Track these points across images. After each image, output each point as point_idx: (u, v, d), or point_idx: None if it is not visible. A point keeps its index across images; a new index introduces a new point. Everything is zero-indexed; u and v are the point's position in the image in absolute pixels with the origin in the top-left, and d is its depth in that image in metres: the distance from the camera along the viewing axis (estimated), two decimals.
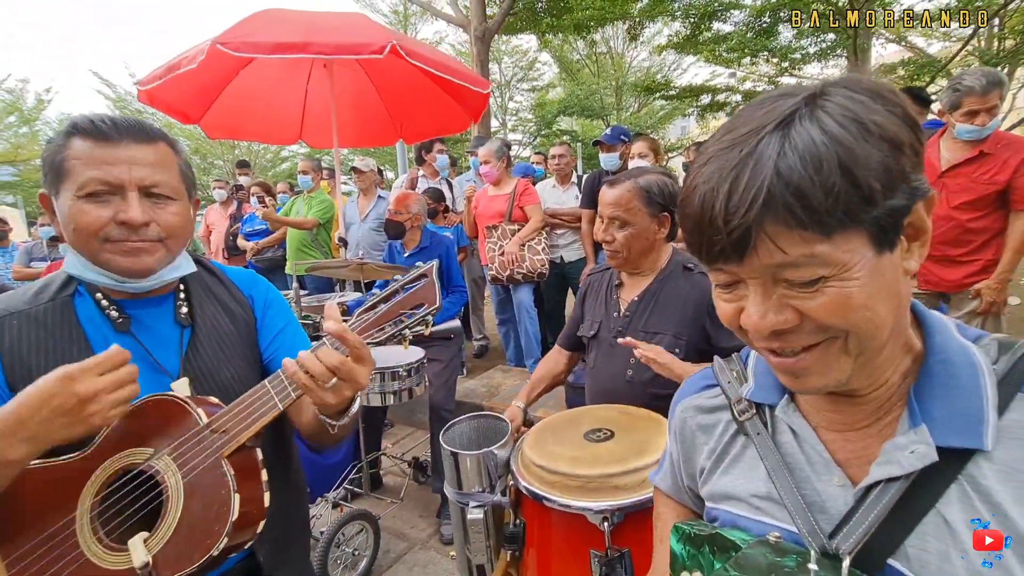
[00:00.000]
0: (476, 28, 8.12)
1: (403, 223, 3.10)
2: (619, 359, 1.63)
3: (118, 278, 0.92)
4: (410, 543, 2.65)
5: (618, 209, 1.60)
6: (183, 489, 0.81)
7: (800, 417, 0.63)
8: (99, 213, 0.88)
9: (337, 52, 2.68)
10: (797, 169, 0.46)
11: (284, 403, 0.86)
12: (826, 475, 0.58)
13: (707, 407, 0.74)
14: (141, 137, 0.92)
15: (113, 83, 17.44)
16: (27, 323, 0.91)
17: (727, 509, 0.67)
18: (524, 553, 1.29)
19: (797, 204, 0.46)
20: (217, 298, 1.08)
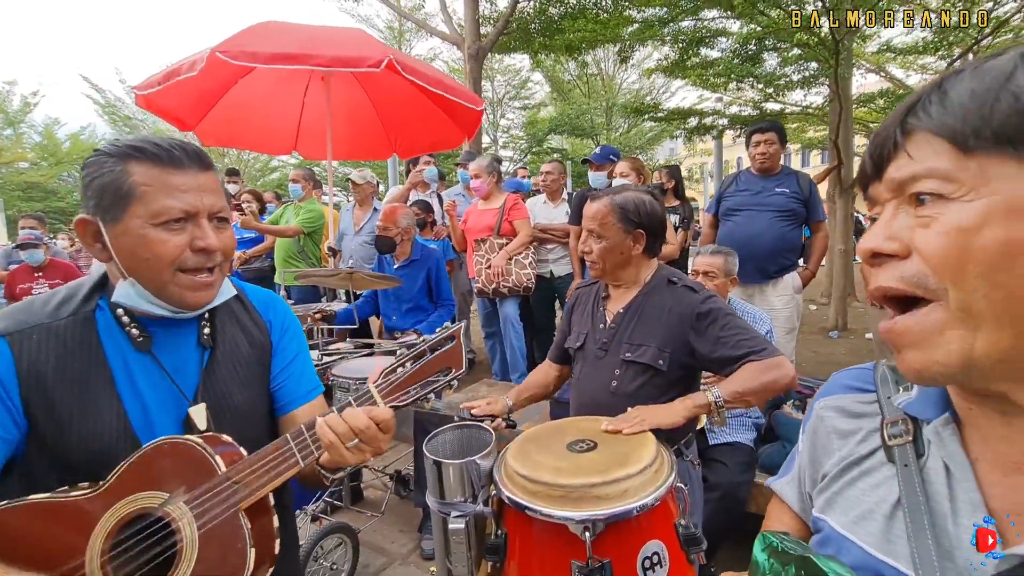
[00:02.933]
0: (470, 46, 8.26)
1: (393, 238, 3.12)
2: (604, 371, 1.67)
3: (175, 309, 0.92)
4: (390, 558, 2.62)
5: (594, 223, 1.69)
6: (198, 540, 0.79)
7: (957, 444, 0.52)
8: (177, 241, 0.87)
9: (335, 64, 2.73)
10: (963, 82, 0.43)
11: (305, 461, 0.86)
12: (967, 520, 0.48)
13: (852, 411, 0.65)
14: (203, 163, 0.92)
15: (103, 88, 17.34)
16: (47, 337, 0.88)
17: (834, 524, 0.60)
18: (505, 564, 1.29)
19: (939, 108, 0.44)
20: (238, 320, 1.07)
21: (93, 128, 20.83)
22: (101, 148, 0.89)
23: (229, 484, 0.82)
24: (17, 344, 0.86)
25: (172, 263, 0.87)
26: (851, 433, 0.64)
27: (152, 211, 0.85)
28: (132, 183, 0.85)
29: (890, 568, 0.52)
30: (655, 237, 1.71)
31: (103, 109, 17.71)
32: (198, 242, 0.88)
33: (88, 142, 19.58)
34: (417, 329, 3.08)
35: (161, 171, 0.86)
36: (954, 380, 0.47)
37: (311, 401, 1.12)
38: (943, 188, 0.43)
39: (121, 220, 0.86)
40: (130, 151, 0.87)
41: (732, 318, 1.58)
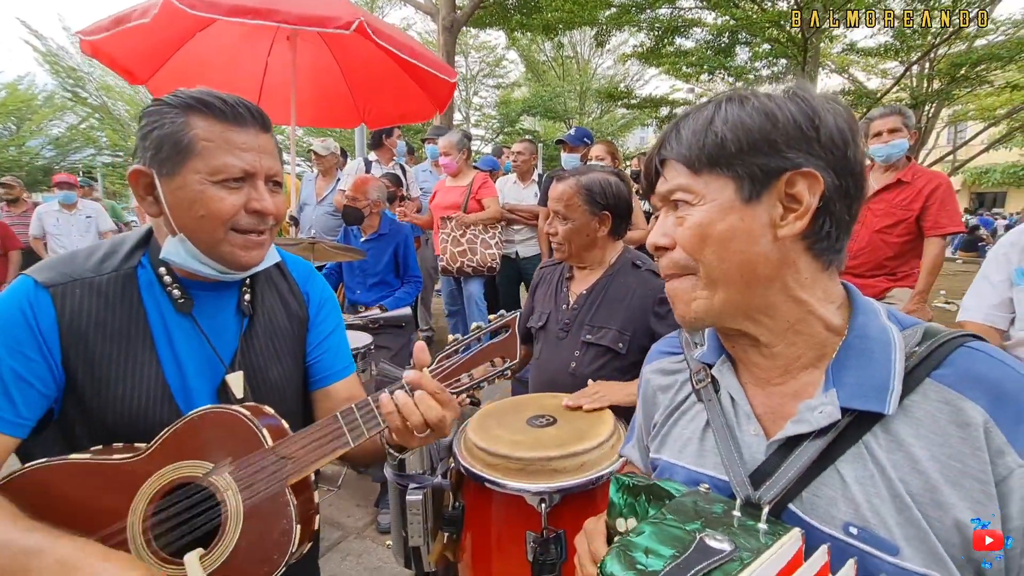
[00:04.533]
0: (444, 18, 8.03)
1: (361, 209, 3.03)
2: (564, 351, 1.68)
3: (223, 269, 0.88)
4: (345, 532, 2.60)
5: (560, 204, 1.67)
6: (243, 511, 0.78)
7: (732, 374, 0.72)
8: (234, 200, 0.84)
9: (301, 23, 2.59)
10: (688, 124, 0.65)
11: (356, 441, 0.84)
12: (746, 425, 0.68)
13: (668, 370, 0.85)
14: (264, 124, 0.89)
15: (43, 35, 16.06)
16: (89, 292, 0.86)
17: (666, 457, 0.77)
18: (462, 536, 1.30)
19: (676, 143, 0.65)
20: (277, 290, 1.04)
21: (32, 78, 19.34)
22: (163, 98, 0.85)
23: (277, 459, 0.80)
24: (60, 297, 0.84)
25: (227, 222, 0.85)
26: (669, 387, 0.83)
27: (212, 167, 0.82)
28: (193, 137, 0.82)
29: (705, 476, 0.70)
30: (621, 219, 1.71)
31: (43, 58, 16.40)
32: (254, 203, 0.86)
33: (26, 93, 18.13)
34: (382, 304, 3.02)
35: (224, 128, 0.83)
36: (706, 323, 0.68)
37: (346, 378, 1.10)
38: (687, 197, 0.64)
39: (178, 174, 0.83)
40: (193, 103, 0.83)
41: None
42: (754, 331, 0.66)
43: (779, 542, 0.51)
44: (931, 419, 0.56)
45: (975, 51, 8.13)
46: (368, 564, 2.39)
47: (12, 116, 17.91)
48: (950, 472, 0.54)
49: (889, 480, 0.56)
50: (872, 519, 0.56)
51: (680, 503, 0.60)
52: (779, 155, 0.60)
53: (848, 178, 0.62)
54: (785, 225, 0.61)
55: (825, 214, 0.62)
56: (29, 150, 18.39)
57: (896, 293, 2.84)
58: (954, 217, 2.69)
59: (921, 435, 0.56)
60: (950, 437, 0.55)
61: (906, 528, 0.54)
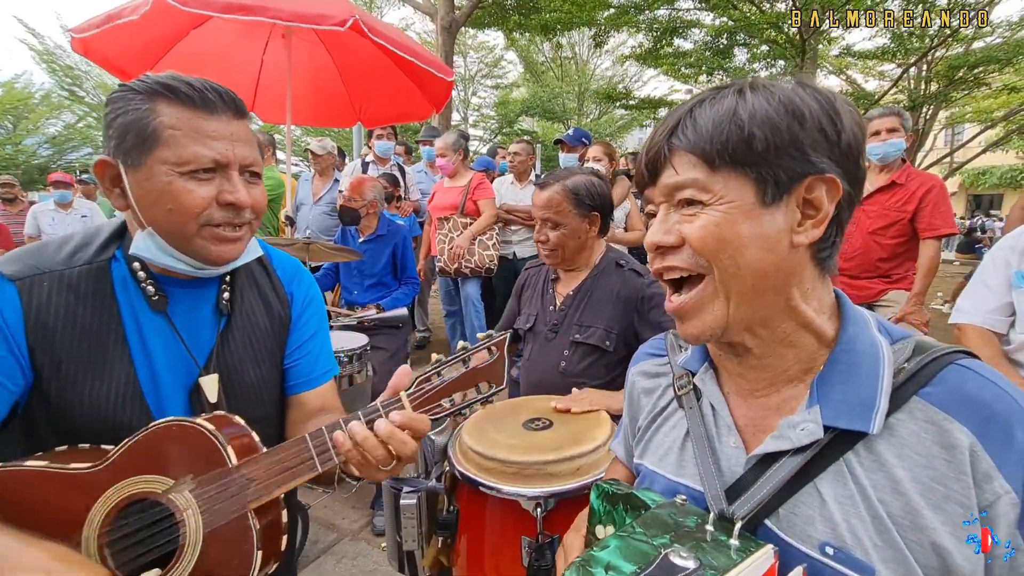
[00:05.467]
0: (443, 18, 8.01)
1: (358, 209, 3.00)
2: (553, 352, 1.69)
3: (198, 264, 0.83)
4: (340, 534, 2.58)
5: (548, 211, 1.65)
6: (203, 534, 0.74)
7: (714, 383, 0.70)
8: (204, 192, 0.79)
9: (296, 20, 2.56)
10: (705, 111, 0.58)
11: (325, 466, 0.78)
12: (726, 436, 0.66)
13: (652, 373, 0.83)
14: (237, 110, 0.83)
15: (40, 33, 15.99)
16: (58, 286, 0.81)
17: (648, 464, 0.75)
18: (456, 540, 1.28)
19: (692, 132, 0.58)
20: (259, 288, 0.99)
21: (29, 76, 19.27)
22: (129, 83, 0.79)
23: (241, 479, 0.76)
24: (27, 291, 0.80)
25: (197, 216, 0.79)
26: (653, 391, 0.81)
27: (180, 157, 0.77)
28: (158, 124, 0.76)
29: (684, 487, 0.68)
30: (606, 218, 1.72)
31: (40, 56, 16.32)
32: (226, 195, 0.80)
33: (23, 91, 18.06)
34: (379, 304, 3.00)
35: (192, 114, 0.78)
36: (716, 337, 0.63)
37: (321, 385, 1.06)
38: (700, 196, 0.58)
39: (144, 164, 0.77)
40: (159, 88, 0.78)
41: None
42: (749, 343, 0.63)
43: (749, 559, 0.50)
44: (916, 439, 0.54)
45: (973, 53, 8.16)
46: (363, 567, 2.37)
47: (8, 115, 17.83)
48: (932, 495, 0.52)
49: (869, 500, 0.54)
50: (849, 539, 0.54)
51: (653, 515, 0.58)
52: (804, 158, 0.56)
53: (856, 187, 0.60)
54: (802, 232, 0.58)
55: (835, 222, 0.60)
56: (25, 149, 18.31)
57: (893, 296, 2.83)
58: (948, 219, 2.69)
59: (904, 455, 0.54)
60: (934, 459, 0.53)
61: (884, 550, 0.53)
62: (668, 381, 0.79)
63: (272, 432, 1.02)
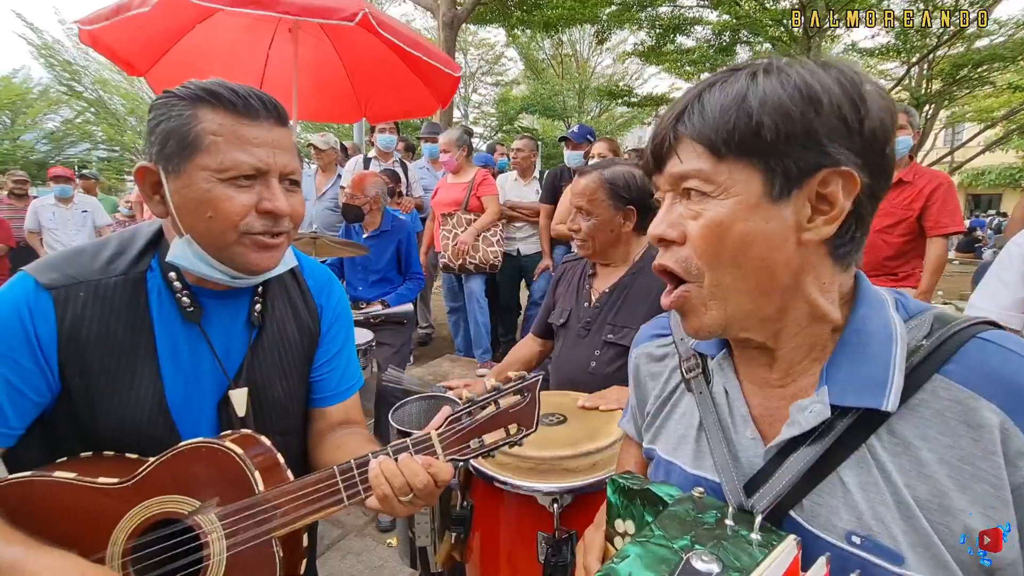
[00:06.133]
0: (445, 14, 7.98)
1: (361, 207, 2.99)
2: (584, 350, 1.63)
3: (234, 274, 0.82)
4: (345, 530, 2.58)
5: (583, 199, 1.60)
6: (226, 559, 0.73)
7: (732, 371, 0.67)
8: (244, 200, 0.77)
9: (304, 14, 2.54)
10: (714, 96, 0.55)
11: (351, 501, 0.78)
12: (742, 428, 0.64)
13: (657, 355, 0.80)
14: (279, 118, 0.82)
15: (39, 28, 15.91)
16: (94, 297, 0.80)
17: (661, 452, 0.73)
18: (470, 536, 1.28)
19: (699, 118, 0.55)
20: (290, 300, 0.98)
21: (27, 71, 19.13)
22: (173, 89, 0.79)
23: (268, 507, 0.75)
24: (62, 301, 0.78)
25: (237, 224, 0.78)
26: (659, 374, 0.78)
27: (220, 164, 0.76)
28: (200, 131, 0.76)
29: (703, 479, 0.65)
30: (646, 213, 1.63)
31: (39, 51, 16.23)
32: (266, 203, 0.79)
33: (21, 86, 17.97)
34: (384, 300, 2.99)
35: (235, 121, 0.77)
36: (718, 335, 0.62)
37: (345, 400, 1.05)
38: (705, 187, 0.55)
39: (184, 171, 0.76)
40: (202, 94, 0.77)
41: None
42: (761, 337, 0.61)
43: (772, 555, 0.48)
44: (940, 419, 0.52)
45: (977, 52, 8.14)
46: (369, 563, 2.36)
47: (6, 110, 17.75)
48: (960, 476, 0.50)
49: (894, 486, 0.52)
50: (876, 527, 0.52)
51: (672, 513, 0.57)
52: (819, 149, 0.52)
53: (881, 179, 0.56)
54: (812, 229, 0.54)
55: (854, 217, 0.55)
56: (24, 144, 18.25)
57: None
58: (955, 217, 2.68)
59: (929, 436, 0.52)
60: (960, 438, 0.51)
61: (912, 536, 0.51)
62: (674, 363, 0.75)
63: (296, 445, 1.01)
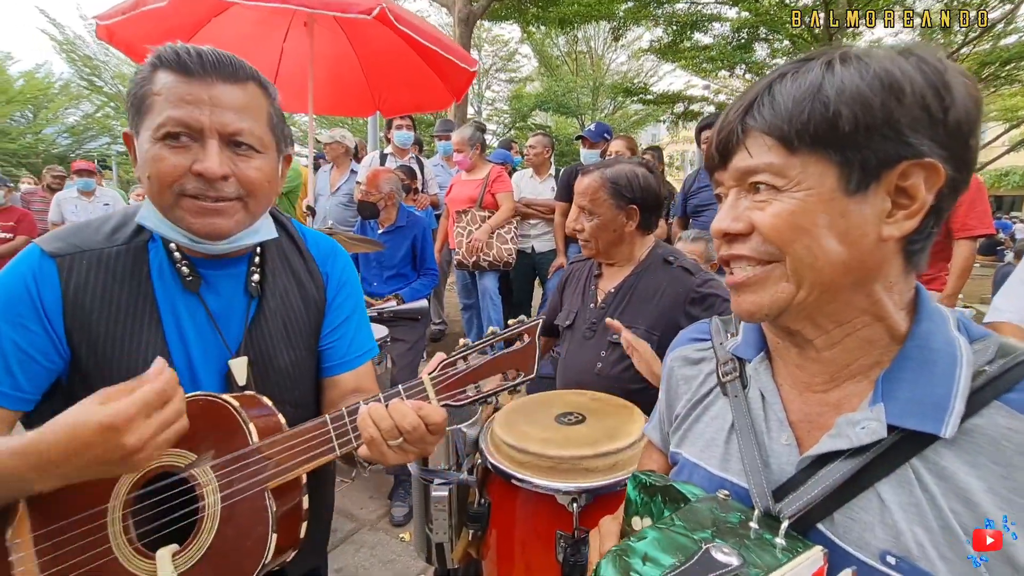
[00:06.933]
0: (460, 10, 7.97)
1: (376, 203, 2.99)
2: (589, 351, 1.62)
3: (192, 237, 0.81)
4: (359, 523, 2.59)
5: (585, 199, 1.60)
6: (220, 511, 0.73)
7: (769, 375, 0.65)
8: (176, 161, 0.75)
9: (322, 7, 2.54)
10: (786, 87, 0.53)
11: (343, 449, 0.77)
12: (777, 432, 0.62)
13: (693, 359, 0.78)
14: (229, 75, 0.79)
15: (61, 23, 16.17)
16: (97, 265, 0.81)
17: (687, 455, 0.72)
18: (487, 533, 1.27)
19: (770, 110, 0.53)
20: (292, 270, 0.97)
21: (49, 66, 19.47)
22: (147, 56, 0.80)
23: (259, 459, 0.75)
24: (66, 268, 0.80)
25: (169, 185, 0.76)
26: (693, 378, 0.77)
27: (156, 122, 0.75)
28: (147, 91, 0.76)
29: (729, 483, 0.64)
30: (650, 212, 1.62)
31: (60, 46, 16.51)
32: (196, 165, 0.76)
33: (43, 81, 18.29)
34: (398, 294, 2.99)
35: (176, 80, 0.75)
36: (771, 318, 0.58)
37: (358, 368, 1.04)
38: (776, 181, 0.53)
39: (139, 134, 0.78)
40: (158, 59, 0.77)
41: (730, 306, 1.54)
42: (811, 333, 0.58)
43: (796, 560, 0.47)
44: (994, 447, 0.49)
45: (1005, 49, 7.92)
46: (382, 556, 2.37)
47: (29, 104, 18.08)
48: (1010, 508, 0.48)
49: (939, 509, 0.50)
50: (915, 549, 0.50)
51: (694, 508, 0.56)
52: (900, 140, 0.50)
53: (965, 171, 0.53)
54: (892, 224, 0.52)
55: (934, 213, 0.53)
56: (45, 138, 18.58)
57: None
58: (984, 219, 2.60)
59: (980, 464, 0.50)
60: (1016, 469, 0.48)
61: (953, 563, 0.48)
62: (711, 367, 0.74)
63: (307, 416, 1.00)
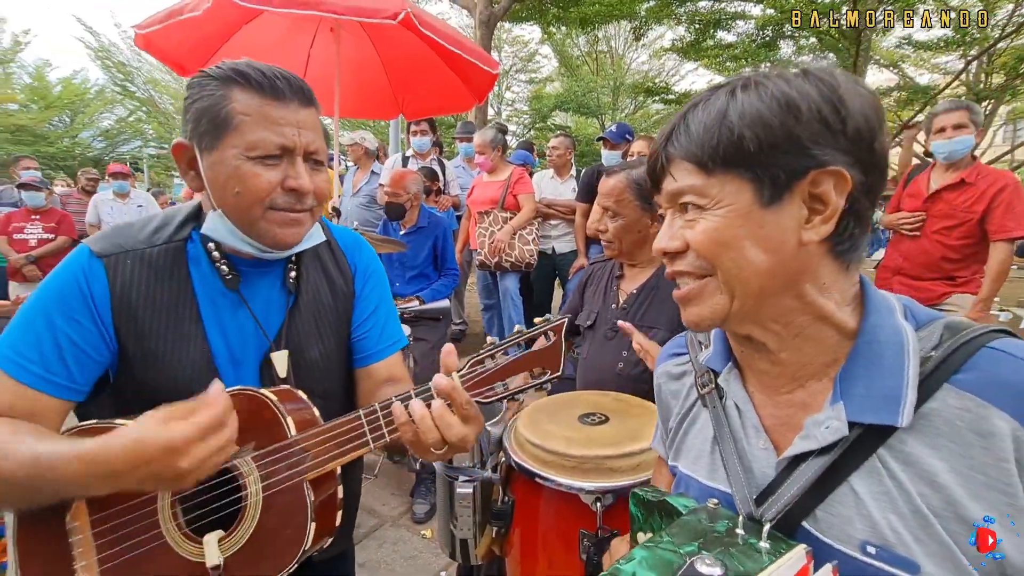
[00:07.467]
0: (481, 12, 8.01)
1: (403, 204, 3.04)
2: (611, 352, 1.63)
3: (262, 247, 0.87)
4: (381, 519, 2.64)
5: (609, 199, 1.61)
6: (262, 500, 0.78)
7: (739, 383, 0.68)
8: (270, 177, 0.81)
9: (349, 13, 2.60)
10: (697, 116, 0.58)
11: (376, 443, 0.80)
12: (755, 438, 0.65)
13: (676, 374, 0.81)
14: (306, 99, 0.85)
15: (97, 31, 16.74)
16: (140, 264, 0.86)
17: (682, 468, 0.75)
18: (510, 531, 1.29)
19: (685, 138, 0.58)
20: (323, 266, 1.02)
21: (86, 72, 20.19)
22: (207, 70, 0.84)
23: (298, 451, 0.79)
24: (112, 267, 0.84)
25: (263, 200, 0.82)
26: (678, 392, 0.79)
27: (248, 143, 0.80)
28: (231, 111, 0.80)
29: (719, 492, 0.66)
30: None
31: (96, 53, 17.10)
32: (290, 181, 0.82)
33: (80, 87, 18.97)
34: (419, 296, 3.04)
35: (262, 101, 0.81)
36: (713, 326, 0.64)
37: (389, 357, 1.07)
38: (699, 200, 0.58)
39: (216, 149, 0.81)
40: (234, 75, 0.81)
41: None
42: (761, 337, 0.62)
43: (778, 562, 0.48)
44: (950, 428, 0.52)
45: None
46: (404, 552, 2.41)
47: (67, 109, 18.76)
48: (972, 485, 0.51)
49: (908, 495, 0.53)
50: (891, 536, 0.53)
51: (684, 522, 0.58)
52: (803, 153, 0.54)
53: (874, 173, 0.56)
54: (810, 229, 0.56)
55: (850, 214, 0.57)
56: (81, 141, 19.26)
57: (956, 299, 2.69)
58: (1022, 220, 2.52)
59: (940, 446, 0.52)
60: (971, 447, 0.51)
61: (928, 545, 0.51)
62: (691, 381, 0.77)
63: (337, 407, 1.03)
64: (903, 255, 2.88)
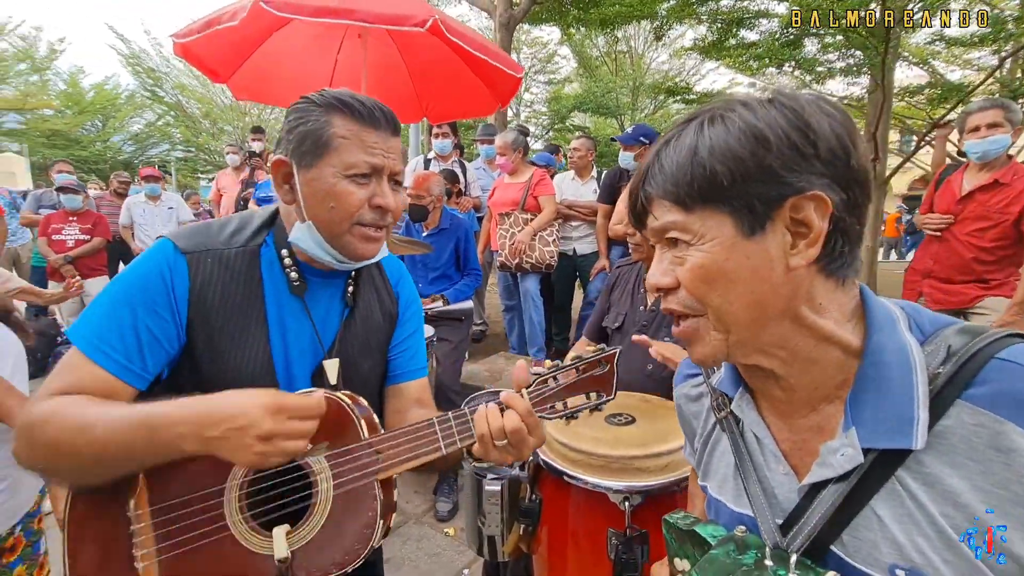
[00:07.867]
0: (501, 15, 8.04)
1: (427, 206, 3.08)
2: (640, 353, 1.63)
3: (342, 258, 0.94)
4: (405, 517, 2.68)
5: None
6: (332, 498, 0.81)
7: (753, 409, 0.67)
8: (361, 195, 0.90)
9: (378, 21, 2.65)
10: (670, 154, 0.58)
11: (448, 450, 0.85)
12: (775, 464, 0.65)
13: (693, 396, 0.82)
14: (394, 128, 0.94)
15: (128, 39, 17.24)
16: (218, 263, 0.92)
17: (711, 490, 0.75)
18: (537, 528, 1.31)
19: (660, 177, 0.59)
20: (375, 287, 1.10)
21: (117, 78, 20.82)
22: (309, 96, 0.92)
23: (371, 452, 0.83)
24: (194, 264, 0.90)
25: (352, 215, 0.90)
26: (698, 414, 0.79)
27: (346, 163, 0.88)
28: (332, 134, 0.88)
29: (746, 516, 0.66)
30: None
31: (127, 60, 17.61)
32: (377, 199, 0.91)
33: (111, 92, 19.56)
34: (443, 295, 3.08)
35: (361, 127, 0.89)
36: (720, 360, 0.64)
37: (420, 378, 1.14)
38: (684, 236, 0.58)
39: (315, 167, 0.89)
40: (336, 104, 0.90)
41: None
42: (768, 364, 0.61)
43: None
44: (967, 446, 0.51)
45: None
46: (428, 550, 2.45)
47: (99, 114, 19.37)
48: (996, 501, 0.50)
49: (930, 516, 0.52)
50: (918, 559, 0.52)
51: (712, 557, 0.59)
52: (778, 181, 0.54)
53: (855, 188, 0.56)
54: (796, 254, 0.56)
55: (837, 233, 0.56)
56: (113, 145, 19.86)
57: (990, 303, 2.63)
58: None
59: (958, 464, 0.52)
60: (991, 464, 0.50)
61: (957, 565, 0.50)
62: (709, 403, 0.77)
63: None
64: (933, 257, 2.82)
